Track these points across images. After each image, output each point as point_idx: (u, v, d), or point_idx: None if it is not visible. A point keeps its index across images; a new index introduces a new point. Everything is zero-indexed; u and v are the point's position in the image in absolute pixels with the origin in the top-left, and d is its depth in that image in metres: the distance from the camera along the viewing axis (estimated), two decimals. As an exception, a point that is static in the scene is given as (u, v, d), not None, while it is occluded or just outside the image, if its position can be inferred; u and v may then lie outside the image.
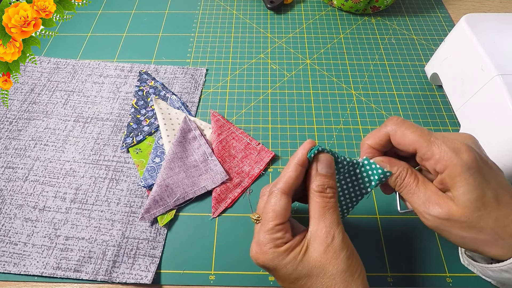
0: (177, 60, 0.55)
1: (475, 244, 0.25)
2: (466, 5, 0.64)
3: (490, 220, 0.24)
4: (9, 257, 0.37)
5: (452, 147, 0.25)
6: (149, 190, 0.41)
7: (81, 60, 0.55)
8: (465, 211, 0.24)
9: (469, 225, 0.25)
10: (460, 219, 0.24)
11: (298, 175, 0.27)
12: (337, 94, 0.51)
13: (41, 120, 0.48)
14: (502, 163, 0.36)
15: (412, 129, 0.27)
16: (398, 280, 0.35)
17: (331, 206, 0.27)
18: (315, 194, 0.27)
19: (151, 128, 0.46)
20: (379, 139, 0.29)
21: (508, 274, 0.26)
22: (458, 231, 0.25)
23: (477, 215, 0.24)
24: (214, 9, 0.63)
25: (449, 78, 0.46)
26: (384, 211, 0.40)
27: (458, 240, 0.26)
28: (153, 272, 0.36)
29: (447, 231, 0.26)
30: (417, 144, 0.26)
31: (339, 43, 0.58)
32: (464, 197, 0.24)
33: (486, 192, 0.24)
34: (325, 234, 0.26)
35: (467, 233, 0.25)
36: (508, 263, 0.25)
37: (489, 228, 0.25)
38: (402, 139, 0.27)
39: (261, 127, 0.47)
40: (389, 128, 0.28)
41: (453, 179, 0.25)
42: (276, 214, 0.27)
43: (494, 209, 0.25)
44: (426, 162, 0.26)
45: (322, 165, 0.27)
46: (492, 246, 0.25)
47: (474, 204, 0.24)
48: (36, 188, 0.42)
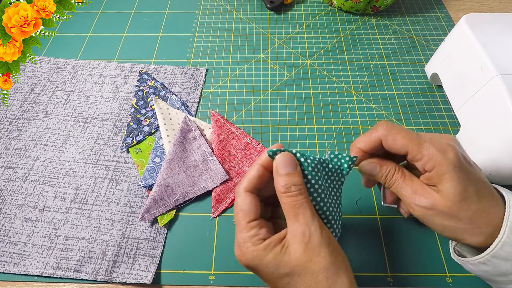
0: (177, 60, 0.55)
1: (454, 232, 0.28)
2: (466, 5, 0.64)
3: (470, 212, 0.28)
4: (9, 257, 0.37)
5: (439, 148, 0.28)
6: (149, 190, 0.41)
7: (81, 60, 0.55)
8: (447, 203, 0.27)
9: (450, 215, 0.28)
10: (443, 209, 0.28)
11: (260, 175, 0.28)
12: (337, 94, 0.51)
13: (41, 120, 0.48)
14: (502, 163, 0.36)
15: (402, 134, 0.29)
16: (398, 280, 0.35)
17: (301, 203, 0.26)
18: (281, 195, 0.27)
19: (151, 128, 0.46)
20: (370, 143, 0.31)
21: (485, 267, 0.29)
22: (441, 220, 0.28)
23: (458, 207, 0.27)
24: (214, 9, 0.63)
25: (449, 78, 0.46)
26: (384, 211, 0.40)
27: (439, 228, 0.29)
28: (153, 272, 0.36)
29: (431, 220, 0.29)
30: (408, 148, 0.29)
31: (339, 43, 0.58)
32: (448, 191, 0.27)
33: (468, 187, 0.28)
34: (301, 234, 0.26)
35: (448, 221, 0.28)
36: (485, 255, 0.28)
37: (467, 218, 0.28)
38: (393, 143, 0.30)
39: (261, 127, 0.47)
40: (380, 133, 0.30)
41: (440, 176, 0.28)
42: (244, 212, 0.27)
43: (474, 202, 0.28)
44: (416, 163, 0.29)
45: (281, 165, 0.27)
46: (470, 234, 0.28)
47: (457, 198, 0.27)
48: (36, 188, 0.42)
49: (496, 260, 0.27)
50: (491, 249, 0.27)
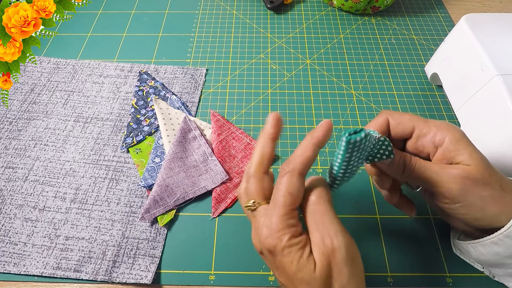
0: (177, 60, 0.55)
1: (491, 204, 0.26)
2: (466, 5, 0.64)
3: (498, 177, 0.27)
4: (9, 257, 0.37)
5: (445, 123, 0.28)
6: (149, 190, 0.41)
7: (81, 60, 0.55)
8: (478, 168, 0.26)
9: (484, 182, 0.26)
10: (476, 176, 0.26)
11: (314, 157, 0.25)
12: (337, 94, 0.51)
13: (41, 120, 0.48)
14: (502, 163, 0.36)
15: (406, 113, 0.30)
16: (398, 280, 0.35)
17: (329, 210, 0.25)
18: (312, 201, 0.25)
19: (151, 128, 0.46)
20: (378, 125, 0.30)
21: (497, 247, 0.28)
22: (480, 190, 0.26)
23: (488, 172, 0.26)
24: (214, 9, 0.63)
25: (449, 78, 0.46)
26: (384, 211, 0.40)
27: (479, 203, 0.26)
28: (153, 272, 0.36)
29: (471, 192, 0.26)
30: (415, 122, 0.29)
31: (339, 43, 0.58)
32: (472, 156, 0.26)
33: (483, 156, 0.27)
34: (323, 243, 0.23)
35: (485, 191, 0.26)
36: (498, 234, 0.27)
37: (498, 185, 0.26)
38: (401, 118, 0.29)
39: (261, 127, 0.47)
40: (386, 115, 0.30)
41: (456, 144, 0.27)
42: (293, 197, 0.24)
43: (495, 170, 0.27)
44: (424, 138, 0.28)
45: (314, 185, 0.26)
46: (503, 205, 0.26)
47: (483, 162, 0.26)
48: (36, 188, 0.42)
49: (510, 240, 0.26)
50: (505, 228, 0.26)
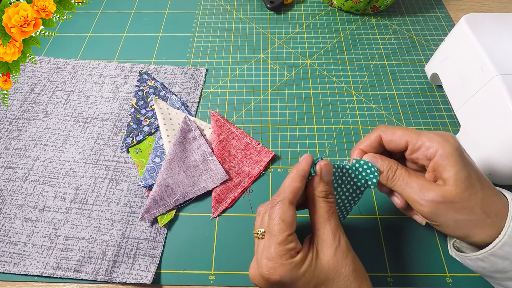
0: (177, 60, 0.55)
1: (467, 226, 0.27)
2: (466, 5, 0.64)
3: (478, 199, 0.27)
4: (9, 257, 0.37)
5: (438, 134, 0.28)
6: (149, 190, 0.41)
7: (81, 60, 0.55)
8: (457, 190, 0.27)
9: (462, 205, 0.27)
10: (454, 199, 0.27)
11: (302, 186, 0.29)
12: (337, 94, 0.51)
13: (41, 120, 0.48)
14: (502, 163, 0.36)
15: (400, 128, 0.30)
16: (398, 280, 0.35)
17: (334, 210, 0.29)
18: (320, 199, 0.29)
19: (151, 128, 0.46)
20: (371, 141, 0.32)
21: (483, 263, 0.28)
22: (453, 214, 0.27)
23: (467, 194, 0.27)
24: (214, 9, 0.63)
25: (449, 78, 0.46)
26: (384, 211, 0.40)
27: (452, 224, 0.27)
28: (153, 272, 0.36)
29: (444, 216, 0.27)
30: (408, 137, 0.29)
31: (339, 43, 0.58)
32: (456, 176, 0.27)
33: (471, 173, 0.27)
34: (332, 237, 0.27)
35: (460, 214, 0.27)
36: (483, 252, 0.28)
37: (478, 208, 0.27)
38: (393, 134, 0.30)
39: (261, 127, 0.47)
40: (379, 131, 0.31)
41: (446, 159, 0.27)
42: (286, 224, 0.27)
43: (479, 190, 0.27)
44: (417, 152, 0.29)
45: (325, 172, 0.29)
46: (482, 226, 0.27)
47: (464, 183, 0.27)
48: (36, 188, 0.42)
49: (494, 258, 0.27)
50: (490, 248, 0.27)
